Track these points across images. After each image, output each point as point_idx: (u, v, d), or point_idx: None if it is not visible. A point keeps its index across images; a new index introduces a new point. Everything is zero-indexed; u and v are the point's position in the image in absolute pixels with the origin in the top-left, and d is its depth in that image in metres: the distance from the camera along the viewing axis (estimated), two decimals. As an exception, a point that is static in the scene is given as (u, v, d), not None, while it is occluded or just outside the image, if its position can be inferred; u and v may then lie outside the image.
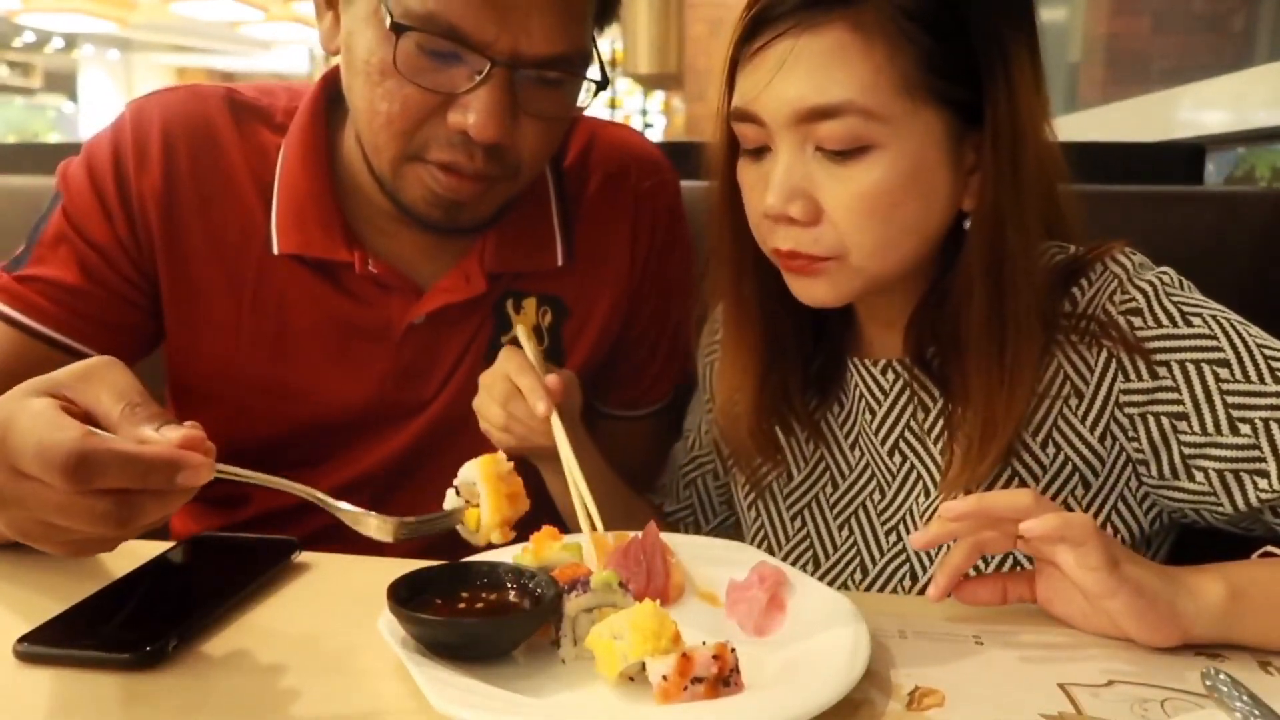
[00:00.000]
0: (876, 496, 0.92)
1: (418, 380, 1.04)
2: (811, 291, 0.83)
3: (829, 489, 0.95)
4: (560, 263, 1.05)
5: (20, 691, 0.62)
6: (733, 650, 0.60)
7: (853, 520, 0.93)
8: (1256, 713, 0.57)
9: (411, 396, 1.05)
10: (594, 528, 0.81)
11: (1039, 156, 0.80)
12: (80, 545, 0.61)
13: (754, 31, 0.80)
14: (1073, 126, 2.52)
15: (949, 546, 0.77)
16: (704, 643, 0.60)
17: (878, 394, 0.92)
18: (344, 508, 0.68)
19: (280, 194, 0.99)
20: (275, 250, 0.98)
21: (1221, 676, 0.60)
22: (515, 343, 0.97)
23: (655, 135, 9.90)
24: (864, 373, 0.92)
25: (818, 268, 0.81)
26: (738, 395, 0.94)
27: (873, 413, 0.92)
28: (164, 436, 0.58)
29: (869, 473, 0.93)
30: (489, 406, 0.92)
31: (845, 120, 0.76)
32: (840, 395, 0.95)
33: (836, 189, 0.78)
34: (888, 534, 0.91)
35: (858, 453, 0.94)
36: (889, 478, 0.91)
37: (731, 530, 1.09)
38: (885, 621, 0.71)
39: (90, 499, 0.57)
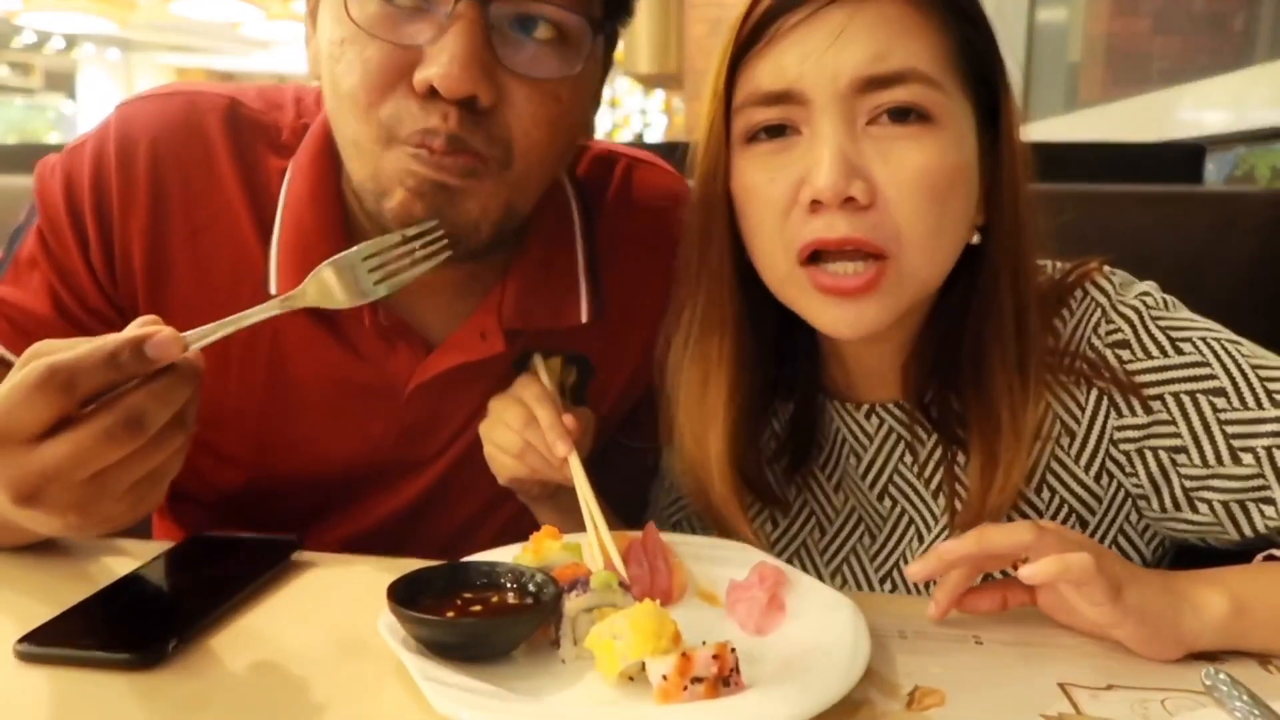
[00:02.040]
0: (867, 541, 0.90)
1: (421, 439, 0.97)
2: (861, 316, 0.74)
3: (816, 534, 0.92)
4: (585, 319, 0.94)
5: (20, 691, 0.62)
6: (733, 650, 0.60)
7: (844, 568, 0.91)
8: (1256, 712, 0.57)
9: (414, 454, 0.97)
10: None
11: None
12: (137, 488, 0.61)
13: (788, 5, 0.74)
14: (1073, 126, 2.51)
15: None
16: (704, 643, 0.60)
17: (862, 439, 0.88)
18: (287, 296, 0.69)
19: (284, 230, 0.88)
20: (273, 291, 0.87)
21: (1221, 676, 0.60)
22: (528, 369, 0.92)
23: (655, 135, 9.89)
24: (846, 417, 0.88)
25: (872, 283, 0.73)
26: (704, 450, 0.84)
27: (858, 457, 0.88)
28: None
29: (856, 517, 0.90)
30: (502, 433, 0.86)
31: (910, 88, 0.72)
32: (820, 440, 0.91)
33: (893, 167, 0.72)
34: (882, 581, 0.89)
35: (843, 496, 0.90)
36: (879, 522, 0.89)
37: None
38: (885, 621, 0.71)
39: (93, 422, 0.57)
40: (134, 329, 0.60)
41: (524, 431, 0.85)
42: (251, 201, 0.89)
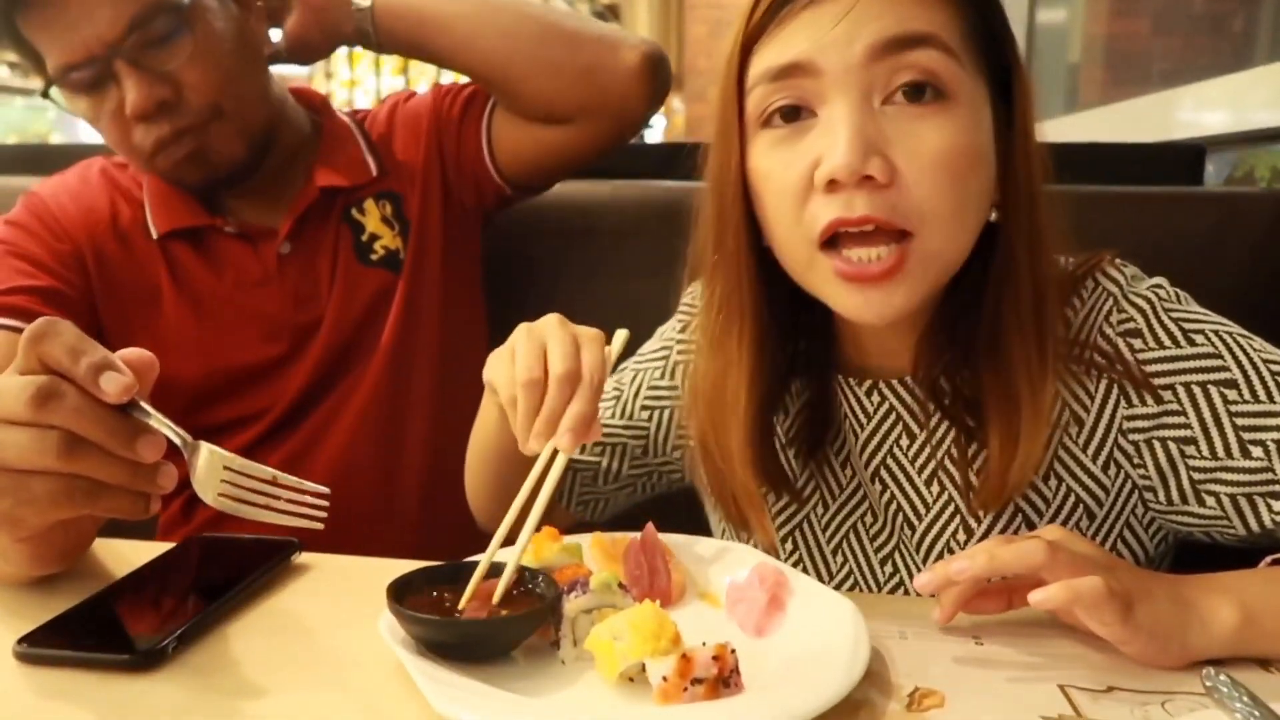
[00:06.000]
0: (869, 519, 0.89)
1: (309, 302, 1.22)
2: (888, 302, 0.73)
3: (820, 510, 0.91)
4: (375, 174, 1.27)
5: (20, 692, 0.62)
6: (733, 651, 0.60)
7: (844, 547, 0.90)
8: (1257, 714, 0.57)
9: (310, 315, 1.21)
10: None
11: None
12: (54, 500, 0.63)
13: None
14: (1073, 127, 2.51)
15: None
16: (704, 643, 0.60)
17: (861, 416, 0.87)
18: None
19: (147, 186, 1.19)
20: (154, 235, 1.17)
21: (1222, 678, 0.60)
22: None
23: (655, 136, 9.89)
24: (848, 393, 0.88)
25: (895, 268, 0.71)
26: (725, 439, 0.84)
27: (856, 435, 0.88)
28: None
29: (861, 494, 0.89)
30: (522, 360, 0.72)
31: (930, 53, 0.70)
32: (831, 417, 0.90)
33: (912, 146, 0.70)
34: (882, 563, 0.88)
35: (849, 472, 0.90)
36: (875, 503, 0.88)
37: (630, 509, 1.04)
38: (885, 622, 0.71)
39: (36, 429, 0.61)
40: (116, 355, 0.63)
41: (528, 386, 0.72)
42: (130, 199, 1.21)
